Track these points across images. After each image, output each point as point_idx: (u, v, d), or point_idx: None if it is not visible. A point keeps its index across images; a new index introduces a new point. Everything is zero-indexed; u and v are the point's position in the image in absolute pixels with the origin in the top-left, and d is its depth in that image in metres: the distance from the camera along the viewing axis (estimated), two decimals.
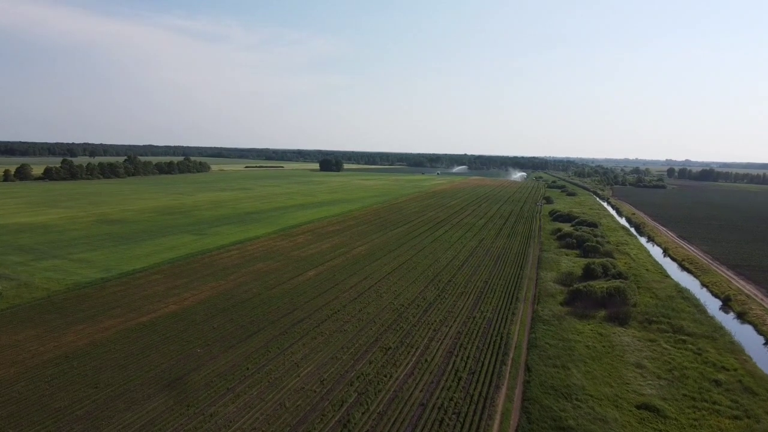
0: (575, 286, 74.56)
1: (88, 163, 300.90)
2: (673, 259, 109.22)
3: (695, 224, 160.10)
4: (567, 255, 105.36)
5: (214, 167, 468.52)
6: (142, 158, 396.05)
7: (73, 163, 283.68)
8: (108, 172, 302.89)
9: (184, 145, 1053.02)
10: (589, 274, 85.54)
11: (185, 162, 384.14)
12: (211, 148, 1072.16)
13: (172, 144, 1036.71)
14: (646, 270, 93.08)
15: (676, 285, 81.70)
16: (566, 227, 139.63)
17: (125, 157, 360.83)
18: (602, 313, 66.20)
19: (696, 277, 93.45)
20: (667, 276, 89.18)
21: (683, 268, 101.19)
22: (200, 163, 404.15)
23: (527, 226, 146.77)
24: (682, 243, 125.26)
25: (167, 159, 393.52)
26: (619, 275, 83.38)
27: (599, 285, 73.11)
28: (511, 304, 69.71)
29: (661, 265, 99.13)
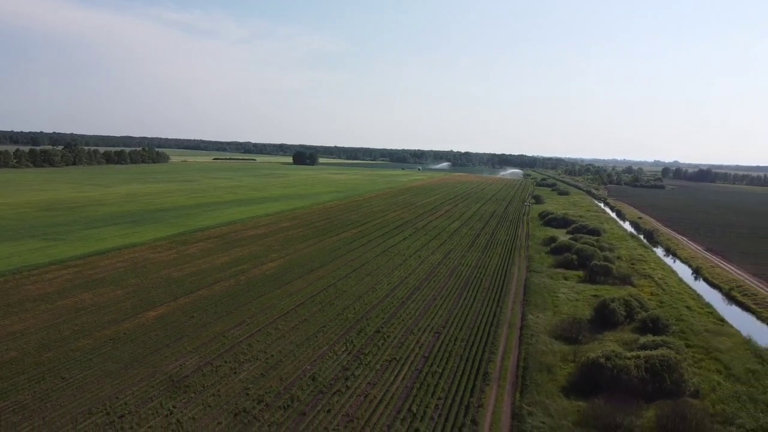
0: (588, 354, 42.39)
1: (16, 150, 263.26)
2: (713, 285, 78.14)
3: (719, 232, 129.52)
4: (566, 279, 73.61)
5: (177, 158, 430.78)
6: (89, 147, 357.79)
7: None
8: (40, 160, 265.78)
9: (163, 137, 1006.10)
10: (604, 318, 54.03)
11: (139, 152, 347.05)
12: (190, 140, 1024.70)
13: (148, 135, 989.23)
14: (687, 308, 61.58)
15: (748, 341, 50.03)
16: (562, 235, 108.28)
17: (61, 146, 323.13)
18: (647, 414, 34.58)
19: (760, 317, 62.25)
20: (723, 320, 57.69)
21: (734, 300, 69.95)
22: (157, 153, 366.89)
23: (512, 232, 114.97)
24: (715, 259, 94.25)
25: (118, 149, 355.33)
26: (654, 323, 51.90)
27: (631, 354, 41.14)
28: (472, 392, 37.56)
29: (702, 297, 67.77)
